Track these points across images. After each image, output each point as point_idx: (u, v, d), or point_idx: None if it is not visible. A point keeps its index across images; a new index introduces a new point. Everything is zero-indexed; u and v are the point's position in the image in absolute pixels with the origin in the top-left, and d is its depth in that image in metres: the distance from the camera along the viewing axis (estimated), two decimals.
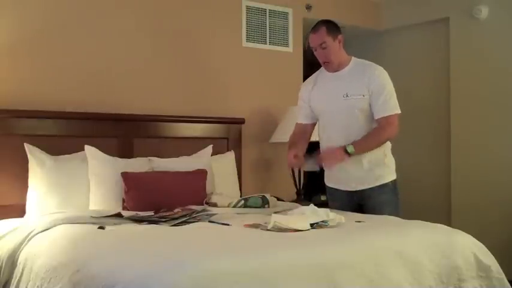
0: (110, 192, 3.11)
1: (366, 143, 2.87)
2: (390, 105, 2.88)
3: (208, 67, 4.01)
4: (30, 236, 2.47)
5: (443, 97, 4.66)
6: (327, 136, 3.01)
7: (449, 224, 2.61)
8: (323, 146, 3.07)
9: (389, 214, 2.84)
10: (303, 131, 3.14)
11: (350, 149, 2.80)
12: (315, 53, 2.97)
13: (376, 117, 2.88)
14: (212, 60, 4.03)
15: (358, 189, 2.98)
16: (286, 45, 4.42)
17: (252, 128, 4.14)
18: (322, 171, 3.17)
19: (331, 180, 3.11)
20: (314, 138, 3.21)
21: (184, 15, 3.90)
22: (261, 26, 4.28)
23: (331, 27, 2.93)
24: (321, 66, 3.14)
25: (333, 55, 2.93)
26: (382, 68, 2.96)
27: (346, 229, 2.38)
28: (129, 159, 3.31)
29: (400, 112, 2.91)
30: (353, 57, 3.02)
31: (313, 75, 3.17)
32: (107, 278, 1.77)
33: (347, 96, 2.89)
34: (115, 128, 3.47)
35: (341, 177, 3.02)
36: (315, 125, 3.17)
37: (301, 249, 1.98)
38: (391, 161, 3.01)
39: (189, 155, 3.60)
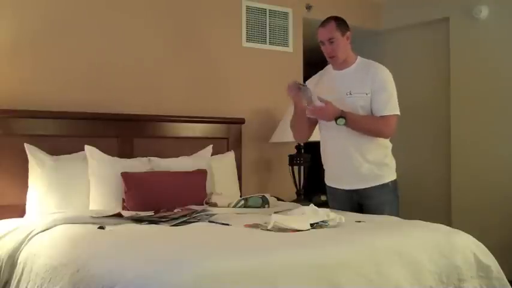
0: (110, 192, 3.11)
1: (361, 121, 2.86)
2: (390, 105, 2.88)
3: (208, 67, 4.01)
4: (30, 236, 2.47)
5: (443, 97, 4.66)
6: (328, 133, 3.00)
7: (449, 224, 2.60)
8: (324, 145, 3.07)
9: (389, 214, 2.84)
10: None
11: (340, 122, 2.80)
12: (322, 47, 2.97)
13: (375, 115, 2.89)
14: (212, 60, 4.03)
15: (358, 187, 2.97)
16: (286, 45, 4.42)
17: (252, 128, 4.13)
18: (322, 170, 3.16)
19: (331, 179, 3.10)
20: (315, 138, 3.20)
21: (184, 15, 3.90)
22: (261, 26, 4.28)
23: (341, 23, 2.95)
24: (322, 66, 3.13)
25: (340, 51, 2.93)
26: (386, 69, 2.97)
27: (346, 229, 2.38)
28: (129, 159, 3.31)
29: (399, 114, 2.91)
30: (359, 57, 3.02)
31: (318, 72, 3.16)
32: (107, 278, 1.76)
33: (350, 94, 2.89)
34: (115, 128, 3.47)
35: (341, 175, 3.02)
36: (315, 123, 3.11)
37: (301, 249, 1.98)
38: (391, 161, 3.01)
39: (189, 155, 3.60)
